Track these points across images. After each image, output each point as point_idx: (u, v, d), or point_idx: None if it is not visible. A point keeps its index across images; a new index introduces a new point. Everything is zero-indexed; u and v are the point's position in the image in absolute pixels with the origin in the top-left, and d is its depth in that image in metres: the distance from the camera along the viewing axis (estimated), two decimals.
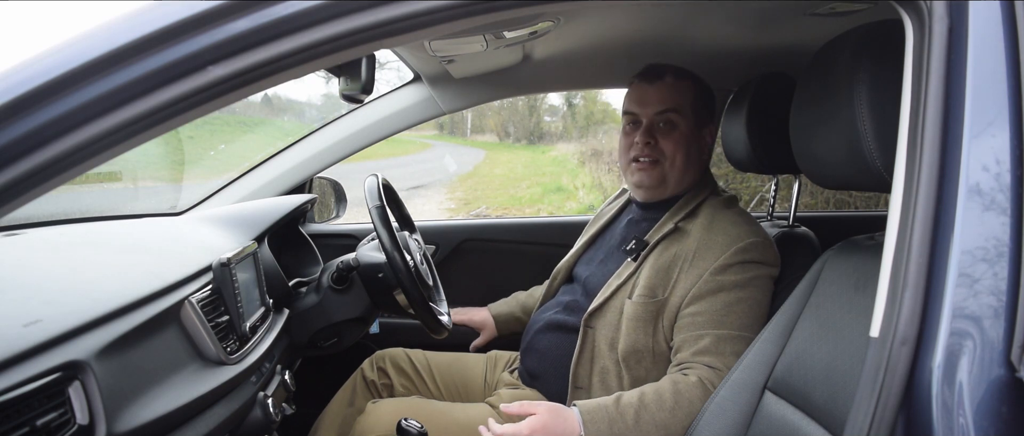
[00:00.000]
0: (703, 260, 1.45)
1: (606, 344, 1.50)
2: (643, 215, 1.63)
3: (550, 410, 1.32)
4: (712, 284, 1.42)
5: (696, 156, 1.59)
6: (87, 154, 0.66)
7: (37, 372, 0.78)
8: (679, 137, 1.55)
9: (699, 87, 1.60)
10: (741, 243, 1.44)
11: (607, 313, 1.51)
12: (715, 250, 1.45)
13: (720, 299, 1.42)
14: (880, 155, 0.94)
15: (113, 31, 0.67)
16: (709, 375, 1.36)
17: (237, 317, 1.27)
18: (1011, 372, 0.71)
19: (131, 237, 1.48)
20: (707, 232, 1.49)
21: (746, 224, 1.50)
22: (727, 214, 1.53)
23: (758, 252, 1.45)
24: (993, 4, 0.76)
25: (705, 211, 1.54)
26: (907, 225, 0.75)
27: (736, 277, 1.43)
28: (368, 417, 1.52)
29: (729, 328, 1.40)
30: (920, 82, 0.77)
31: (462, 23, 0.75)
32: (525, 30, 1.51)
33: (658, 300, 1.46)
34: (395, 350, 1.82)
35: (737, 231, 1.47)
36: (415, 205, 8.76)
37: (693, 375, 1.37)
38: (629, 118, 1.61)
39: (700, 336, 1.40)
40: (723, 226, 1.49)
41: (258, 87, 0.72)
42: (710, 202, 1.56)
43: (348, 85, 0.88)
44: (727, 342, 1.39)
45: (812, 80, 1.13)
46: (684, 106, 1.56)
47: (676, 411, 1.33)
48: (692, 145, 1.57)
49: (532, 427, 1.29)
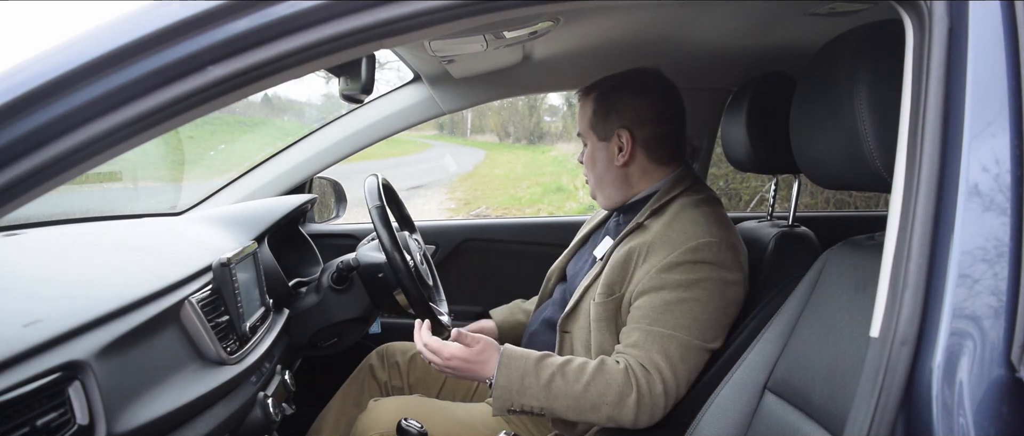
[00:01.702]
0: (654, 255, 1.41)
1: (582, 347, 1.50)
2: (621, 218, 1.64)
3: (480, 348, 1.37)
4: (656, 281, 1.39)
5: (613, 166, 1.55)
6: (87, 154, 0.66)
7: (37, 372, 0.79)
8: (588, 155, 1.59)
9: (598, 102, 1.56)
10: (694, 243, 1.39)
11: (579, 317, 1.51)
12: (668, 246, 1.41)
13: (660, 297, 1.38)
14: (880, 155, 0.94)
15: (113, 31, 0.67)
16: (638, 370, 1.34)
17: (237, 317, 1.27)
18: (1011, 372, 0.71)
19: (131, 237, 1.48)
20: (666, 228, 1.45)
21: (707, 225, 1.43)
22: (692, 213, 1.47)
23: (710, 253, 1.39)
24: (993, 4, 0.76)
25: (672, 209, 1.50)
26: (907, 225, 0.75)
27: (682, 277, 1.38)
28: (370, 415, 1.52)
29: (662, 326, 1.36)
30: (920, 82, 0.77)
31: (462, 23, 0.75)
32: (525, 30, 1.51)
33: (615, 297, 1.45)
34: (404, 343, 1.82)
35: (695, 230, 1.42)
36: (415, 205, 8.76)
37: (623, 362, 1.36)
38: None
39: (633, 330, 1.38)
40: (683, 224, 1.44)
41: (258, 87, 0.72)
42: (681, 200, 1.51)
43: (348, 85, 0.88)
44: (656, 339, 1.35)
45: (812, 80, 1.13)
46: (585, 127, 1.58)
47: (589, 388, 1.32)
48: (599, 159, 1.56)
49: (453, 352, 1.37)
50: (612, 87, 1.56)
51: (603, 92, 1.57)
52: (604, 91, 1.57)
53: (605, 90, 1.57)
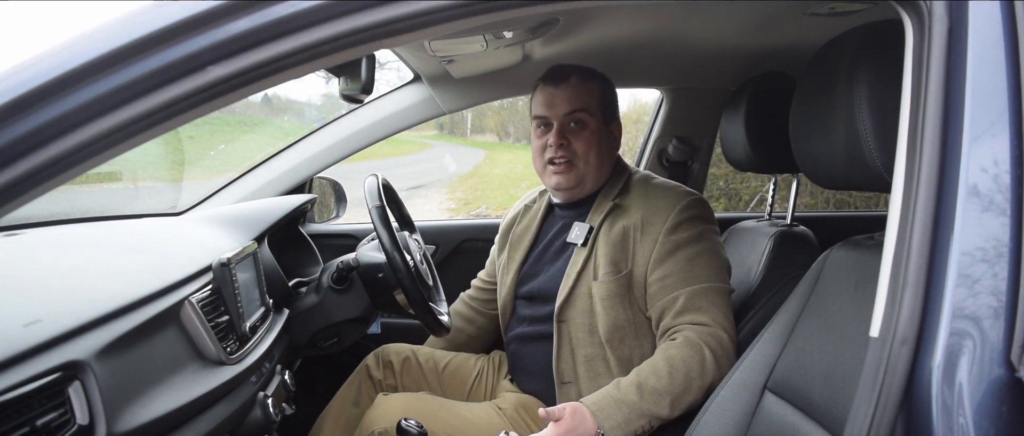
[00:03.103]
0: (653, 226, 1.50)
1: (585, 332, 1.52)
2: (571, 214, 1.65)
3: (570, 412, 1.32)
4: (669, 244, 1.48)
5: (608, 151, 1.62)
6: (87, 154, 0.66)
7: (37, 372, 0.78)
8: (590, 135, 1.57)
9: (604, 86, 1.63)
10: (682, 202, 1.51)
11: (577, 302, 1.53)
12: (661, 213, 1.50)
13: (681, 256, 1.47)
14: (880, 155, 0.94)
15: (113, 31, 0.67)
16: (696, 331, 1.39)
17: (237, 317, 1.27)
18: (1011, 372, 0.71)
19: (131, 237, 1.48)
20: (646, 200, 1.54)
21: (676, 188, 1.57)
22: (657, 183, 1.59)
23: (699, 208, 1.52)
24: (993, 4, 0.76)
25: (636, 186, 1.60)
26: (907, 225, 0.75)
27: (688, 233, 1.48)
28: (376, 409, 1.53)
29: (697, 282, 1.44)
30: (920, 82, 0.77)
31: (462, 23, 0.75)
32: (525, 30, 1.52)
33: (624, 273, 1.50)
34: (400, 345, 1.82)
35: (675, 193, 1.54)
36: (415, 205, 8.76)
37: (679, 336, 1.40)
38: (539, 121, 1.62)
39: (675, 298, 1.44)
40: (659, 193, 1.55)
41: (258, 87, 0.72)
42: (635, 178, 1.62)
43: (348, 85, 0.88)
44: (700, 295, 1.43)
45: (812, 80, 1.13)
46: (592, 105, 1.58)
47: (673, 376, 1.36)
48: (603, 142, 1.60)
49: (557, 434, 1.30)
50: (602, 76, 1.63)
51: (602, 79, 1.63)
52: (602, 78, 1.63)
53: (602, 77, 1.63)
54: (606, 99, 1.62)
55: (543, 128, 1.61)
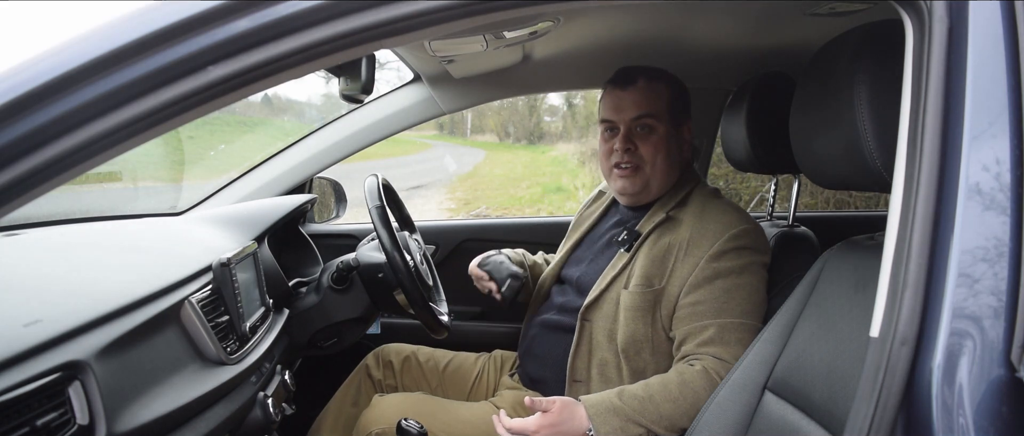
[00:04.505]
0: (698, 248, 1.46)
1: (604, 336, 1.51)
2: (631, 214, 1.64)
3: (559, 407, 1.33)
4: (708, 271, 1.43)
5: (677, 156, 1.59)
6: (87, 154, 0.66)
7: (37, 372, 0.79)
8: (657, 141, 1.54)
9: (674, 87, 1.59)
10: (734, 230, 1.45)
11: (603, 305, 1.52)
12: (709, 237, 1.46)
13: (718, 286, 1.42)
14: (880, 155, 0.94)
15: (113, 31, 0.67)
16: (715, 365, 1.36)
17: (237, 317, 1.27)
18: (1011, 372, 0.71)
19: (131, 237, 1.48)
20: (699, 220, 1.50)
21: (737, 212, 1.51)
22: (717, 203, 1.54)
23: (750, 239, 1.46)
24: (993, 4, 0.76)
25: (695, 200, 1.55)
26: (907, 225, 0.75)
27: (731, 263, 1.43)
28: (373, 410, 1.52)
29: (731, 315, 1.40)
30: (920, 82, 0.77)
31: (462, 23, 0.75)
32: (525, 30, 1.51)
33: (655, 289, 1.47)
34: (400, 345, 1.82)
35: (729, 218, 1.48)
36: (415, 205, 8.76)
37: (698, 364, 1.37)
38: (606, 125, 1.59)
39: (704, 327, 1.41)
40: (715, 214, 1.50)
41: (258, 87, 0.72)
42: (698, 192, 1.58)
43: (348, 85, 0.88)
44: (731, 330, 1.39)
45: (812, 80, 1.13)
46: (660, 109, 1.55)
47: (680, 402, 1.34)
48: (672, 146, 1.57)
49: (539, 423, 1.31)
50: (672, 77, 1.60)
51: (672, 79, 1.59)
52: (671, 78, 1.59)
53: (671, 78, 1.59)
54: (675, 101, 1.57)
55: (610, 132, 1.58)
